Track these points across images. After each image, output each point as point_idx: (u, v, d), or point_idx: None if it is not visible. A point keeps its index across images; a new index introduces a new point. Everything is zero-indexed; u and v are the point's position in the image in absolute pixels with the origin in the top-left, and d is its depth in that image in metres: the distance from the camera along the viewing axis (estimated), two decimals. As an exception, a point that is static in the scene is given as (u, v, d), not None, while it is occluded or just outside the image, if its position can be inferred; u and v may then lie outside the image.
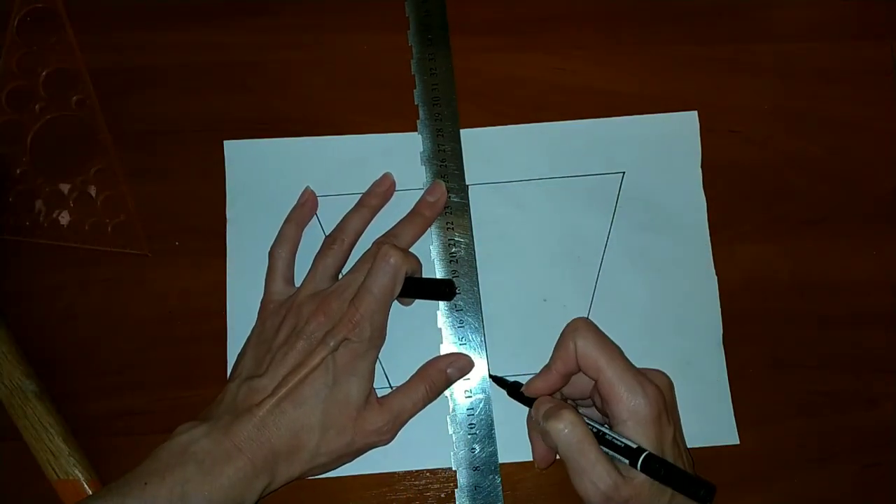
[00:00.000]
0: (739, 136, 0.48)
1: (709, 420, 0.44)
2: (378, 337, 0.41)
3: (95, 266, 0.46)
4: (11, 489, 0.43)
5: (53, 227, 0.46)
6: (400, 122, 0.48)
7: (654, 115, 0.48)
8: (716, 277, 0.46)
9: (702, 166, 0.47)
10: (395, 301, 0.42)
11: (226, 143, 0.47)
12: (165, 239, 0.46)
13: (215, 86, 0.48)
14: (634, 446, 0.36)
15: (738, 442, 0.43)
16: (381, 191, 0.46)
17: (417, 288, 0.43)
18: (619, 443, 0.36)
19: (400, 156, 0.47)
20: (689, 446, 0.42)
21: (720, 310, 0.45)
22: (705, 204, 0.47)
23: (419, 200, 0.45)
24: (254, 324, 0.43)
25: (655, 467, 0.35)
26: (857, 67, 0.50)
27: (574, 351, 0.38)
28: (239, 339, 0.44)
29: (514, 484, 0.43)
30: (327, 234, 0.46)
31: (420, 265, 0.43)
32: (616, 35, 0.50)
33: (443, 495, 0.43)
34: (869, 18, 0.50)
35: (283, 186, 0.47)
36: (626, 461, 0.36)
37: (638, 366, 0.43)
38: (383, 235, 0.44)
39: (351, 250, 0.44)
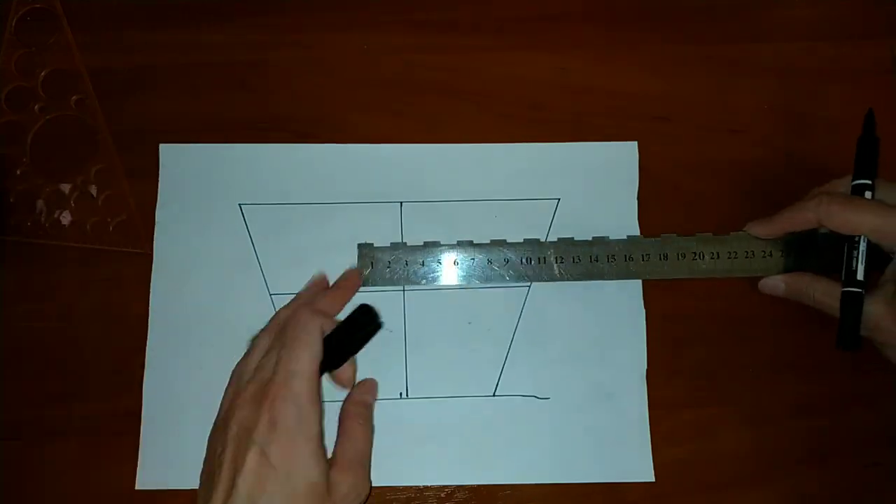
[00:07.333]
0: (739, 136, 0.48)
1: (625, 455, 0.43)
2: (310, 404, 0.36)
3: (96, 265, 0.46)
4: (12, 489, 0.43)
5: (55, 227, 0.46)
6: (400, 122, 0.48)
7: (594, 143, 0.47)
8: (644, 312, 0.45)
9: (701, 166, 0.47)
10: (334, 385, 0.41)
11: (161, 146, 0.47)
12: (165, 239, 0.46)
13: (215, 86, 0.48)
14: None
15: (653, 479, 0.43)
16: (314, 286, 0.44)
17: (338, 341, 0.39)
18: None
19: (330, 167, 0.47)
20: (603, 480, 0.43)
21: (646, 345, 0.45)
22: (639, 236, 0.46)
23: (338, 278, 0.44)
24: (175, 330, 0.44)
25: None
26: (857, 67, 0.50)
27: (815, 219, 0.41)
28: (160, 345, 0.44)
29: (514, 486, 0.43)
30: (262, 263, 0.45)
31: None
32: (617, 35, 0.50)
33: (443, 495, 0.43)
34: (869, 18, 0.50)
35: (216, 192, 0.46)
36: None
37: (558, 393, 0.44)
38: None
39: None
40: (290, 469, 0.34)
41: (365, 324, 0.40)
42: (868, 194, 0.42)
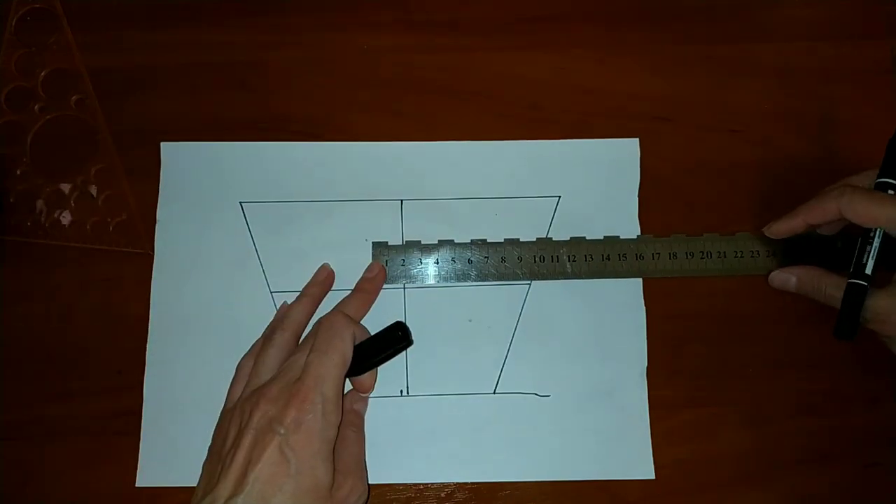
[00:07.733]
0: (739, 136, 0.48)
1: (626, 452, 0.43)
2: (334, 410, 0.37)
3: (96, 265, 0.46)
4: (12, 489, 0.43)
5: (55, 227, 0.46)
6: (400, 122, 0.48)
7: (596, 140, 0.48)
8: (644, 309, 0.45)
9: (701, 166, 0.47)
10: (359, 393, 0.42)
11: (162, 144, 0.47)
12: (165, 239, 0.46)
13: (215, 86, 0.48)
14: None
15: (653, 477, 0.43)
16: (321, 279, 0.44)
17: (368, 352, 0.40)
18: None
19: (331, 165, 0.47)
20: (603, 477, 0.43)
21: (646, 342, 0.45)
22: (639, 233, 0.46)
23: (360, 279, 0.44)
24: (176, 328, 0.44)
25: None
26: (857, 67, 0.50)
27: (835, 209, 0.41)
28: (160, 345, 0.44)
29: (515, 484, 0.43)
30: (262, 261, 0.45)
31: (368, 333, 0.41)
32: (617, 35, 0.50)
33: (443, 495, 0.43)
34: (869, 18, 0.50)
35: (217, 190, 0.46)
36: None
37: (558, 391, 0.44)
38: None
39: (295, 342, 0.41)
40: (302, 466, 0.35)
41: (397, 341, 0.41)
42: (891, 192, 0.41)
